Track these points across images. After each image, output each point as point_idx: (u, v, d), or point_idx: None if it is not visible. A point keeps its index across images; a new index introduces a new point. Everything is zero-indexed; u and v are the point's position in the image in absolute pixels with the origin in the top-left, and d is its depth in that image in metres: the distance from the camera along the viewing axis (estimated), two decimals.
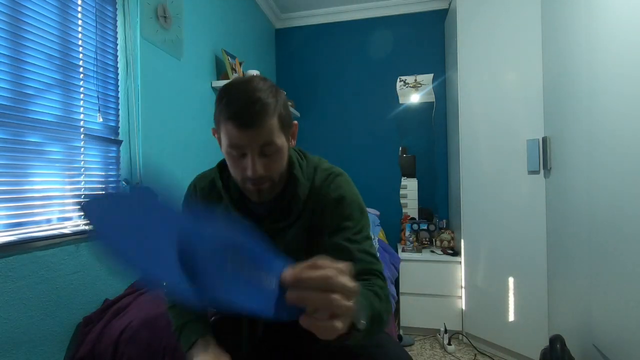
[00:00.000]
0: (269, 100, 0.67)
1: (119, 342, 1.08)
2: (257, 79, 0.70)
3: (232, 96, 0.67)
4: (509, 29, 1.96)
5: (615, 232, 1.17)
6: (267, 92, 0.68)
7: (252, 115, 0.65)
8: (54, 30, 1.12)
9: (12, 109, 0.99)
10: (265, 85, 0.69)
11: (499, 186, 2.01)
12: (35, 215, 1.06)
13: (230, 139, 0.67)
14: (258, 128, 0.66)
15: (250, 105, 0.65)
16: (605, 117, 1.24)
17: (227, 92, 0.68)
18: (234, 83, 0.70)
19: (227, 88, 0.68)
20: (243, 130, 0.66)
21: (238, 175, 0.72)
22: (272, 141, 0.68)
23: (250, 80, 0.69)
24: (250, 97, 0.66)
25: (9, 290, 0.98)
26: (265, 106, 0.66)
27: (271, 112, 0.67)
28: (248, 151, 0.68)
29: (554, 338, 1.39)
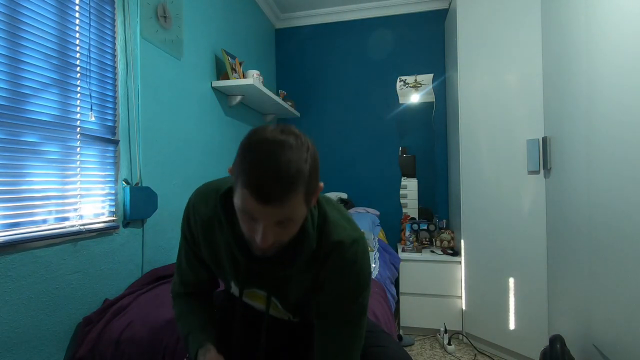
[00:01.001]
0: (298, 173, 0.57)
1: (119, 342, 1.08)
2: (290, 139, 0.59)
3: (258, 161, 0.56)
4: (509, 29, 1.96)
5: (615, 232, 1.17)
6: (298, 161, 0.57)
7: (275, 191, 0.56)
8: (51, 30, 1.11)
9: (9, 108, 0.99)
10: (298, 152, 0.58)
11: (499, 186, 2.01)
12: (32, 215, 1.06)
13: (244, 206, 0.59)
14: (278, 206, 0.57)
15: (276, 179, 0.55)
16: (605, 117, 1.24)
17: (252, 152, 0.58)
18: (263, 141, 0.58)
19: (254, 146, 0.58)
20: (261, 204, 0.57)
21: (245, 231, 0.65)
22: (292, 217, 0.61)
23: (282, 143, 0.57)
24: (278, 170, 0.55)
25: (9, 290, 0.98)
26: (293, 182, 0.57)
27: (297, 189, 0.58)
28: (261, 222, 0.60)
29: (554, 338, 1.39)
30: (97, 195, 1.29)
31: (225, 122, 2.20)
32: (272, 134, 0.59)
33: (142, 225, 1.48)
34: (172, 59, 1.69)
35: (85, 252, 1.22)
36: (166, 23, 1.63)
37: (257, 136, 0.60)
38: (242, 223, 0.64)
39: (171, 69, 1.69)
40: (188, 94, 1.82)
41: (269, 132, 0.60)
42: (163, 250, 1.60)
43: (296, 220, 0.63)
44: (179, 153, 1.73)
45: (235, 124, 2.34)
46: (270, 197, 0.56)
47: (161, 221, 1.59)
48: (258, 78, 2.12)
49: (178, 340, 1.06)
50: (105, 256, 1.30)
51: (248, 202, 0.58)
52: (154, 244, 1.54)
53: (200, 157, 1.91)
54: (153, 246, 1.54)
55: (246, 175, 0.57)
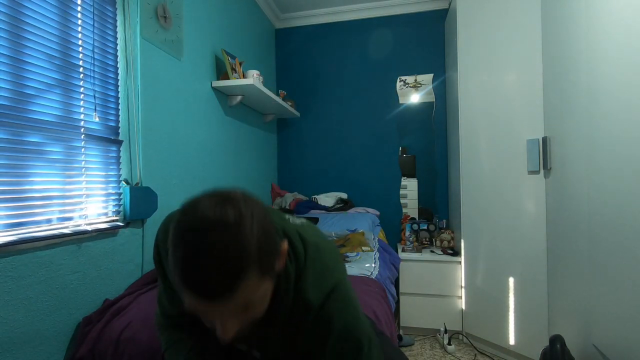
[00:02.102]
0: (242, 256, 0.48)
1: (119, 341, 1.08)
2: (229, 215, 0.49)
3: (190, 256, 0.47)
4: (509, 29, 1.96)
5: (615, 231, 1.17)
6: (238, 242, 0.48)
7: (218, 286, 0.48)
8: (54, 31, 1.12)
9: (12, 109, 0.99)
10: (237, 229, 0.48)
11: (499, 186, 2.01)
12: (35, 215, 1.06)
13: (191, 307, 0.51)
14: (228, 299, 0.49)
15: (215, 273, 0.47)
16: (605, 116, 1.24)
17: (182, 243, 0.49)
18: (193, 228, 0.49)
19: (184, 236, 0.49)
20: (208, 303, 0.49)
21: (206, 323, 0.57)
22: (250, 302, 0.52)
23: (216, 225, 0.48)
24: (214, 261, 0.47)
25: (9, 290, 0.98)
26: (237, 271, 0.48)
27: (246, 275, 0.49)
28: (217, 319, 0.52)
29: (554, 338, 1.39)
30: (100, 196, 1.29)
31: (225, 122, 2.20)
32: (205, 212, 0.49)
33: (142, 225, 1.49)
34: (172, 59, 1.69)
35: (85, 252, 1.22)
36: (166, 23, 1.63)
37: (186, 217, 0.50)
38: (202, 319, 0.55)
39: (171, 69, 1.69)
40: (188, 94, 1.82)
41: (201, 209, 0.50)
42: None
43: (258, 301, 0.54)
44: (179, 153, 1.73)
45: (235, 124, 2.34)
46: (215, 293, 0.48)
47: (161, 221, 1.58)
48: (258, 78, 2.12)
49: None
50: (106, 256, 1.30)
51: (192, 302, 0.50)
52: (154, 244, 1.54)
53: (200, 157, 1.91)
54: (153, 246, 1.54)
55: (180, 273, 0.48)
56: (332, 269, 0.67)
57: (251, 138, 2.59)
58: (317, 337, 0.64)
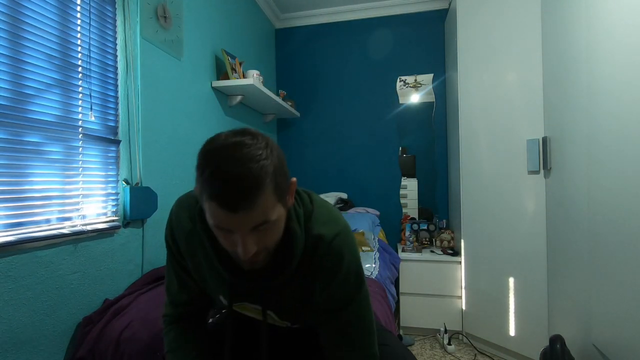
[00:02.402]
0: (261, 172, 0.54)
1: (119, 341, 1.08)
2: (246, 139, 0.56)
3: (215, 170, 0.54)
4: (509, 29, 1.96)
5: (615, 231, 1.17)
6: (258, 160, 0.54)
7: (241, 196, 0.53)
8: (53, 30, 1.11)
9: (12, 108, 0.99)
10: (255, 150, 0.55)
11: (499, 186, 2.01)
12: (34, 215, 1.06)
13: (215, 221, 0.57)
14: (248, 210, 0.54)
15: (238, 183, 0.53)
16: (605, 116, 1.24)
17: (208, 162, 0.55)
18: (216, 149, 0.56)
19: (209, 157, 0.56)
20: (230, 214, 0.54)
21: (227, 247, 0.62)
22: (266, 220, 0.57)
23: (237, 144, 0.55)
24: (238, 172, 0.53)
25: (9, 290, 0.98)
26: (257, 183, 0.54)
27: (264, 188, 0.55)
28: (237, 232, 0.57)
29: (554, 338, 1.39)
30: (99, 195, 1.29)
31: (225, 122, 2.20)
32: (225, 138, 0.57)
33: (142, 225, 1.48)
34: (172, 59, 1.69)
35: (85, 252, 1.22)
36: (166, 23, 1.63)
37: (210, 145, 0.58)
38: (221, 239, 0.61)
39: (171, 69, 1.69)
40: (188, 94, 1.82)
41: (222, 137, 0.58)
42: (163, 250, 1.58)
43: (274, 221, 0.59)
44: (179, 153, 1.73)
45: (235, 124, 2.34)
46: (237, 203, 0.53)
47: (161, 221, 1.59)
48: (258, 78, 2.12)
49: None
50: (105, 256, 1.30)
51: (217, 215, 0.55)
52: (154, 244, 1.54)
53: None
54: (153, 246, 1.54)
55: (207, 187, 0.54)
56: (337, 217, 0.73)
57: None
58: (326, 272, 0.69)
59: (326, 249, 0.68)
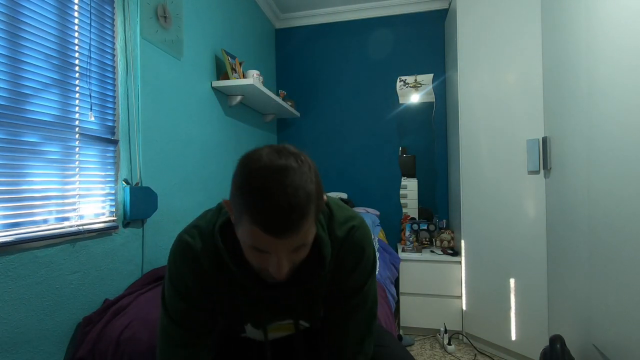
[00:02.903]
0: (308, 198, 0.54)
1: (119, 341, 1.08)
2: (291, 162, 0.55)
3: (264, 194, 0.53)
4: (509, 29, 1.96)
5: (615, 232, 1.17)
6: (304, 187, 0.54)
7: (289, 223, 0.53)
8: (51, 30, 1.11)
9: (10, 108, 0.99)
10: (301, 175, 0.54)
11: (499, 186, 2.01)
12: (33, 215, 1.05)
13: (254, 243, 0.56)
14: (293, 236, 0.55)
15: (288, 211, 0.52)
16: (605, 117, 1.24)
17: (255, 186, 0.53)
18: (263, 172, 0.54)
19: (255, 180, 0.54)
20: (274, 238, 0.54)
21: (255, 264, 0.62)
22: (306, 242, 0.59)
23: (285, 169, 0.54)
24: (288, 200, 0.52)
25: (9, 290, 0.98)
26: (303, 211, 0.54)
27: (309, 213, 0.55)
28: (275, 254, 0.57)
29: (554, 338, 1.39)
30: (97, 195, 1.29)
31: (225, 122, 2.20)
32: (270, 159, 0.55)
33: (142, 225, 1.48)
34: (172, 59, 1.69)
35: (85, 252, 1.22)
36: (166, 23, 1.63)
37: (253, 165, 0.55)
38: (251, 256, 0.61)
39: (171, 69, 1.69)
40: (188, 94, 1.82)
41: (266, 157, 0.55)
42: (163, 250, 1.60)
43: (310, 242, 0.61)
44: (179, 153, 1.73)
45: (235, 124, 2.34)
46: (285, 230, 0.53)
47: (161, 221, 1.59)
48: (258, 78, 2.12)
49: None
50: (105, 256, 1.30)
51: (257, 238, 0.55)
52: (154, 244, 1.54)
53: (200, 157, 1.91)
54: (153, 246, 1.54)
55: (254, 213, 0.53)
56: (351, 214, 0.78)
57: (251, 138, 2.59)
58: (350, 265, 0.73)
59: (349, 246, 0.73)
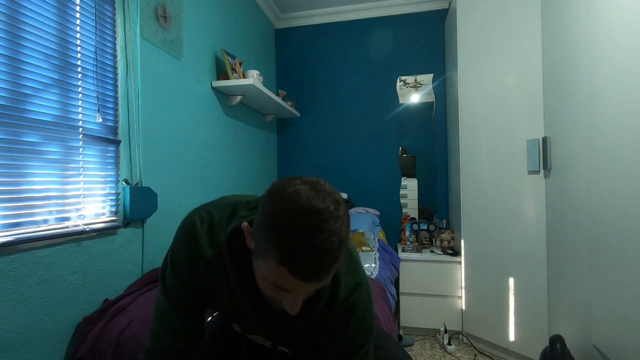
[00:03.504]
0: (341, 248, 0.53)
1: (119, 341, 1.08)
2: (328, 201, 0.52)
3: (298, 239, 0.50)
4: (509, 29, 1.96)
5: (615, 232, 1.17)
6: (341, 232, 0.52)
7: (319, 271, 0.52)
8: (52, 30, 1.11)
9: (10, 108, 0.99)
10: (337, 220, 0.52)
11: (499, 186, 2.01)
12: (33, 215, 1.06)
13: (277, 281, 0.54)
14: (321, 281, 0.53)
15: (321, 260, 0.51)
16: (605, 117, 1.24)
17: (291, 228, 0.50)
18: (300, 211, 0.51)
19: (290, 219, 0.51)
20: (300, 282, 0.52)
21: (268, 294, 0.59)
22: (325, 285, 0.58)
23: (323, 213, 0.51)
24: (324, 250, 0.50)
25: (9, 290, 0.98)
26: (335, 259, 0.52)
27: (340, 261, 0.54)
28: (295, 295, 0.55)
29: (554, 338, 1.39)
30: (99, 196, 1.29)
31: (225, 122, 2.20)
32: (308, 199, 0.51)
33: (142, 225, 1.49)
34: (172, 59, 1.69)
35: (85, 252, 1.22)
36: (166, 23, 1.63)
37: (290, 202, 0.51)
38: (265, 288, 0.58)
39: (171, 69, 1.69)
40: (188, 94, 1.82)
41: (304, 196, 0.52)
42: (163, 250, 1.60)
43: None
44: (179, 153, 1.73)
45: (235, 124, 2.34)
46: (315, 276, 0.52)
47: (161, 221, 1.59)
48: (258, 78, 2.12)
49: None
50: (105, 256, 1.30)
51: (284, 279, 0.52)
52: (154, 244, 1.54)
53: (200, 157, 1.91)
54: (153, 246, 1.54)
55: (286, 252, 0.50)
56: (358, 268, 0.74)
57: (251, 138, 2.59)
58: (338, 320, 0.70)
59: (343, 300, 0.69)
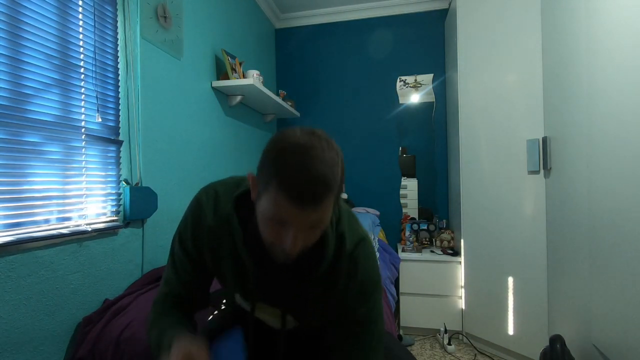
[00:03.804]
0: (333, 175, 0.57)
1: (119, 341, 1.08)
2: (323, 142, 0.59)
3: (295, 163, 0.56)
4: (509, 29, 1.96)
5: (615, 232, 1.17)
6: (333, 164, 0.58)
7: (313, 194, 0.55)
8: (53, 30, 1.11)
9: (11, 108, 0.99)
10: (331, 155, 0.58)
11: (499, 186, 2.01)
12: (34, 215, 1.06)
13: (277, 213, 0.58)
14: (315, 210, 0.57)
15: (313, 184, 0.55)
16: (605, 117, 1.24)
17: (288, 155, 0.57)
18: (296, 144, 0.57)
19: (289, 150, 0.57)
20: (297, 208, 0.56)
21: (269, 238, 0.63)
22: (322, 220, 0.60)
23: (317, 146, 0.57)
24: (315, 175, 0.55)
25: (9, 290, 0.98)
26: (330, 186, 0.57)
27: (332, 190, 0.58)
28: (293, 227, 0.59)
29: (554, 338, 1.39)
30: (100, 196, 1.29)
31: (225, 122, 2.20)
32: (304, 137, 0.58)
33: (142, 225, 1.48)
34: (172, 59, 1.69)
35: (85, 252, 1.22)
36: (166, 23, 1.63)
37: (289, 140, 0.58)
38: (267, 230, 0.61)
39: (171, 69, 1.69)
40: (188, 94, 1.82)
41: (300, 136, 0.58)
42: (163, 250, 1.60)
43: (325, 223, 0.62)
44: (179, 153, 1.73)
45: (235, 124, 2.34)
46: (309, 200, 0.55)
47: (161, 221, 1.59)
48: (258, 78, 2.12)
49: None
50: (106, 256, 1.30)
51: (282, 207, 0.56)
52: (154, 244, 1.54)
53: (200, 157, 1.91)
54: (153, 246, 1.54)
55: (282, 179, 0.55)
56: (359, 224, 0.78)
57: (251, 138, 2.59)
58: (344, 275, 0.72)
59: (348, 255, 0.71)
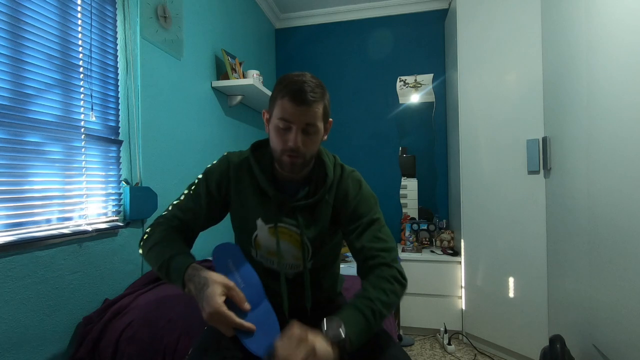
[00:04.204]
0: (321, 88, 0.85)
1: (119, 341, 1.09)
2: (309, 75, 0.85)
3: (292, 80, 0.82)
4: (509, 29, 1.96)
5: (615, 231, 1.17)
6: (318, 85, 0.84)
7: (307, 95, 0.80)
8: (53, 30, 1.12)
9: (12, 108, 0.99)
10: (317, 80, 0.85)
11: (498, 186, 2.01)
12: (35, 215, 1.06)
13: (283, 113, 0.82)
14: (309, 107, 0.81)
15: (307, 88, 0.80)
16: (605, 117, 1.24)
17: (287, 78, 0.84)
18: (291, 74, 0.85)
19: (287, 76, 0.84)
20: (296, 106, 0.80)
21: (279, 145, 0.84)
22: (315, 123, 0.83)
23: (305, 74, 0.85)
24: (307, 83, 0.81)
25: (9, 290, 0.98)
26: (317, 93, 0.82)
27: (320, 99, 0.83)
28: (294, 125, 0.82)
29: (554, 338, 1.39)
30: (101, 195, 1.29)
31: (225, 122, 2.20)
32: (295, 73, 0.85)
33: (142, 225, 1.48)
34: (172, 59, 1.69)
35: (85, 252, 1.22)
36: (166, 23, 1.63)
37: (285, 74, 0.86)
38: (276, 138, 0.84)
39: (171, 69, 1.69)
40: (188, 94, 1.82)
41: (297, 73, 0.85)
42: None
43: (318, 129, 0.85)
44: (179, 153, 1.73)
45: (235, 124, 2.34)
46: (303, 99, 0.80)
47: None
48: (258, 78, 2.12)
49: (178, 340, 1.06)
50: (106, 256, 1.30)
51: (285, 107, 0.81)
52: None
53: (200, 157, 1.91)
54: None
55: (284, 87, 0.81)
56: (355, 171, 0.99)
57: (251, 138, 2.59)
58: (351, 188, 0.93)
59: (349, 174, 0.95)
